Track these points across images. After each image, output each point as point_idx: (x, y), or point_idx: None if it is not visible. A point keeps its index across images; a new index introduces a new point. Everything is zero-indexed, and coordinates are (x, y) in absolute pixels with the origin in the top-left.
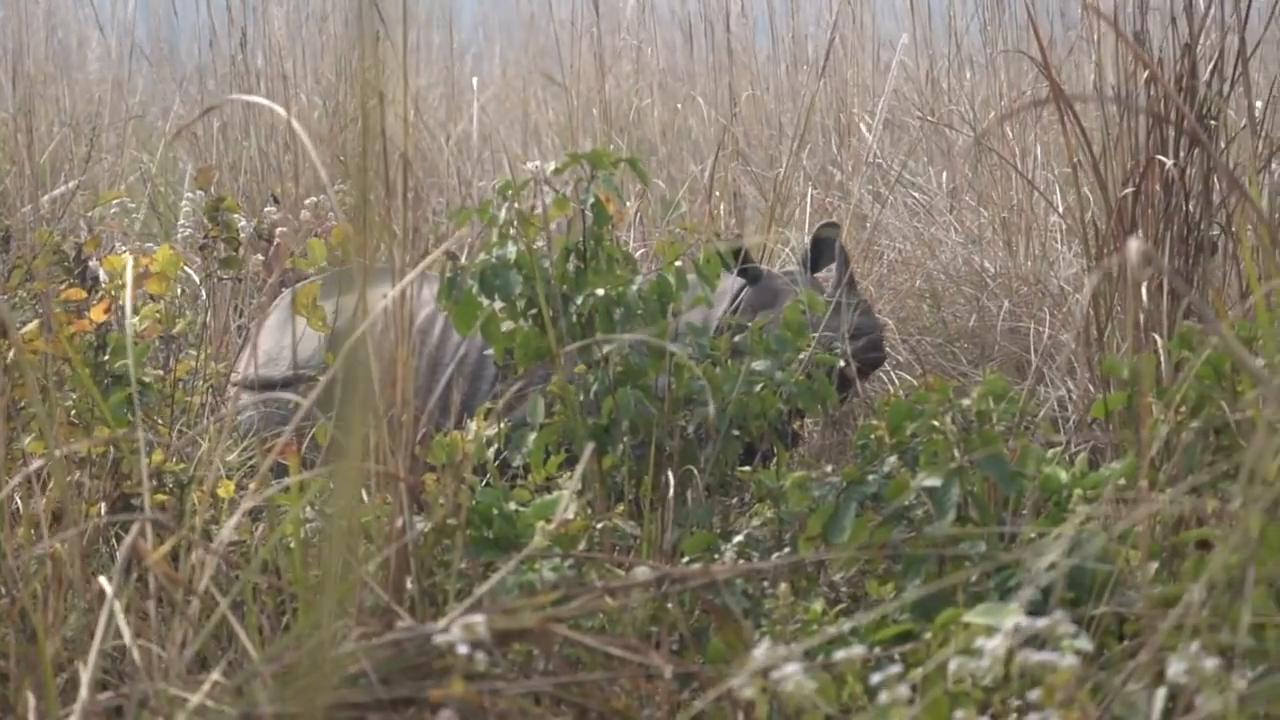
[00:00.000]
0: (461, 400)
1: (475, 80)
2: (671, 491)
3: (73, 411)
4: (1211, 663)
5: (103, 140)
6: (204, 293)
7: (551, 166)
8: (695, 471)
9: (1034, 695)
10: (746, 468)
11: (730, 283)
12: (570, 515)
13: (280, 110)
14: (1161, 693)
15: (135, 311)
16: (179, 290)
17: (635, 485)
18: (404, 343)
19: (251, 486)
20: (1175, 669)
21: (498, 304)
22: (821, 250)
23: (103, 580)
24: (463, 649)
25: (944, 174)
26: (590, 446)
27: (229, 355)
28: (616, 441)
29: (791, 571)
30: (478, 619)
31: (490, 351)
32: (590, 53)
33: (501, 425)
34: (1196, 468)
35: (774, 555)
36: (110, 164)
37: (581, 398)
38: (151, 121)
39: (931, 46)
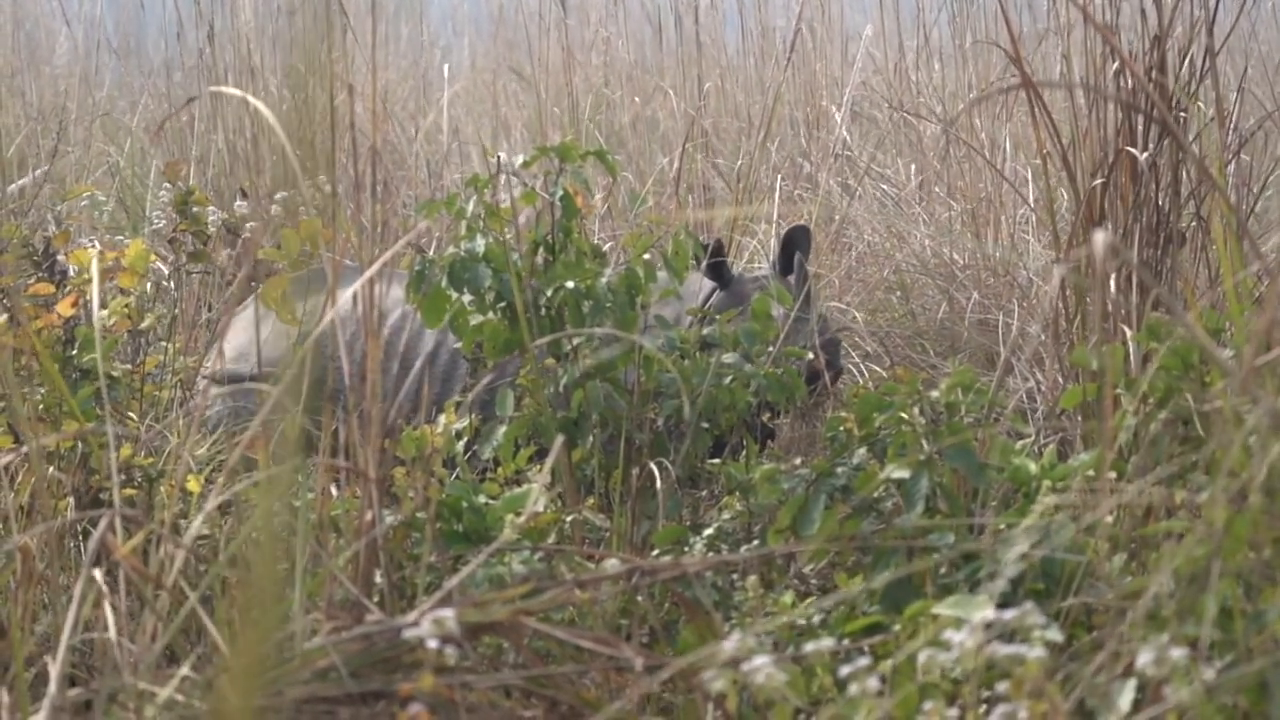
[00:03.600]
0: (433, 400)
1: (446, 69)
2: (641, 484)
3: (41, 406)
4: (1180, 653)
5: (70, 134)
6: (173, 286)
7: (520, 159)
8: (665, 464)
9: (1003, 687)
10: (716, 460)
11: (700, 284)
12: (540, 508)
13: (261, 106)
14: (1130, 684)
15: (103, 305)
16: (148, 285)
17: (605, 478)
18: (373, 336)
19: (220, 480)
20: (1144, 660)
21: (466, 297)
22: (791, 252)
23: (96, 574)
24: (433, 643)
25: (912, 166)
26: (560, 439)
27: (198, 349)
28: (586, 434)
29: (761, 564)
30: (448, 613)
31: (459, 345)
32: (559, 46)
33: (471, 418)
34: (1164, 459)
35: (744, 548)
36: (77, 157)
37: (551, 391)
38: (119, 115)
39: (900, 38)
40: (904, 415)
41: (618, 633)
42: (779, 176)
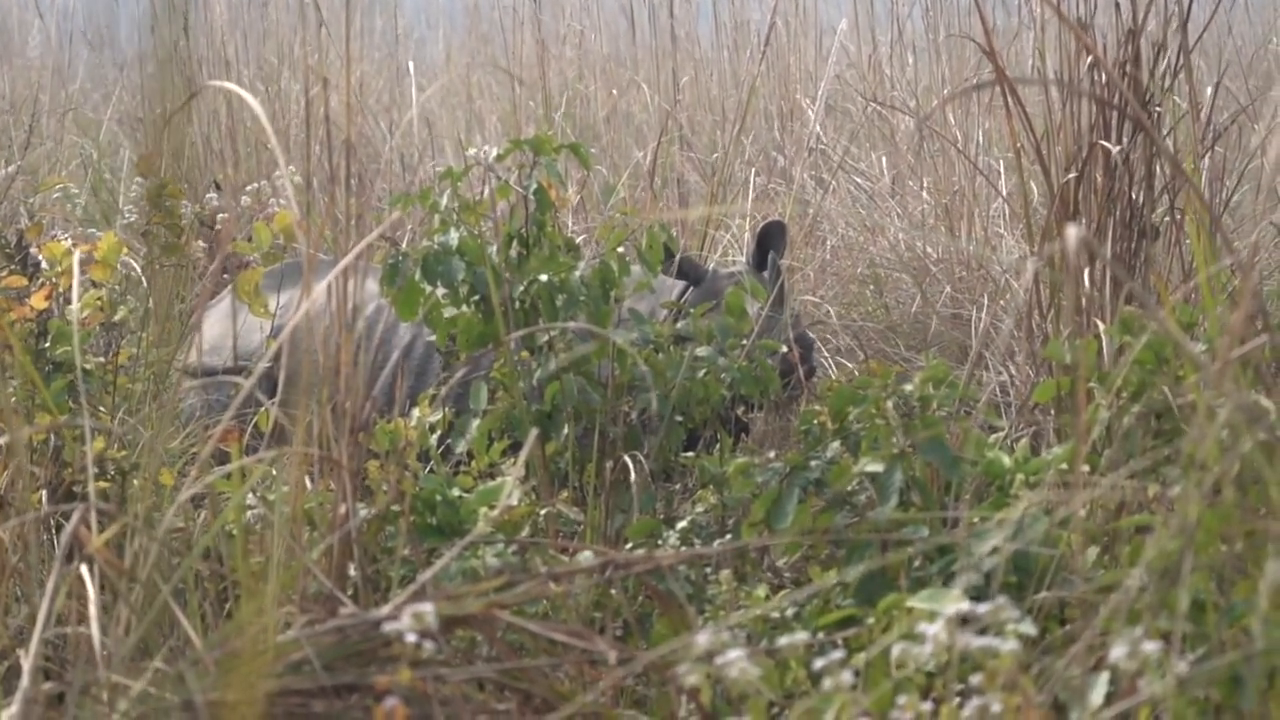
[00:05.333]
0: (408, 394)
1: (412, 64)
2: (615, 478)
3: (14, 399)
4: (1153, 646)
5: (42, 126)
6: (145, 279)
7: (494, 152)
8: (639, 457)
9: (976, 680)
10: (690, 454)
11: (674, 281)
12: (514, 501)
13: (255, 103)
14: (1103, 677)
15: (77, 298)
16: (122, 275)
17: (579, 471)
18: (346, 329)
19: (193, 473)
20: (1117, 653)
21: (440, 290)
22: (767, 248)
23: (84, 570)
24: (410, 637)
25: (884, 159)
26: (534, 433)
27: (171, 342)
28: (560, 428)
29: (735, 557)
30: (427, 606)
31: (433, 338)
32: (533, 39)
33: (445, 412)
34: (1137, 453)
35: (717, 541)
36: (50, 150)
37: (525, 384)
38: (91, 109)
39: (874, 32)
40: (877, 409)
41: (591, 626)
42: (753, 170)
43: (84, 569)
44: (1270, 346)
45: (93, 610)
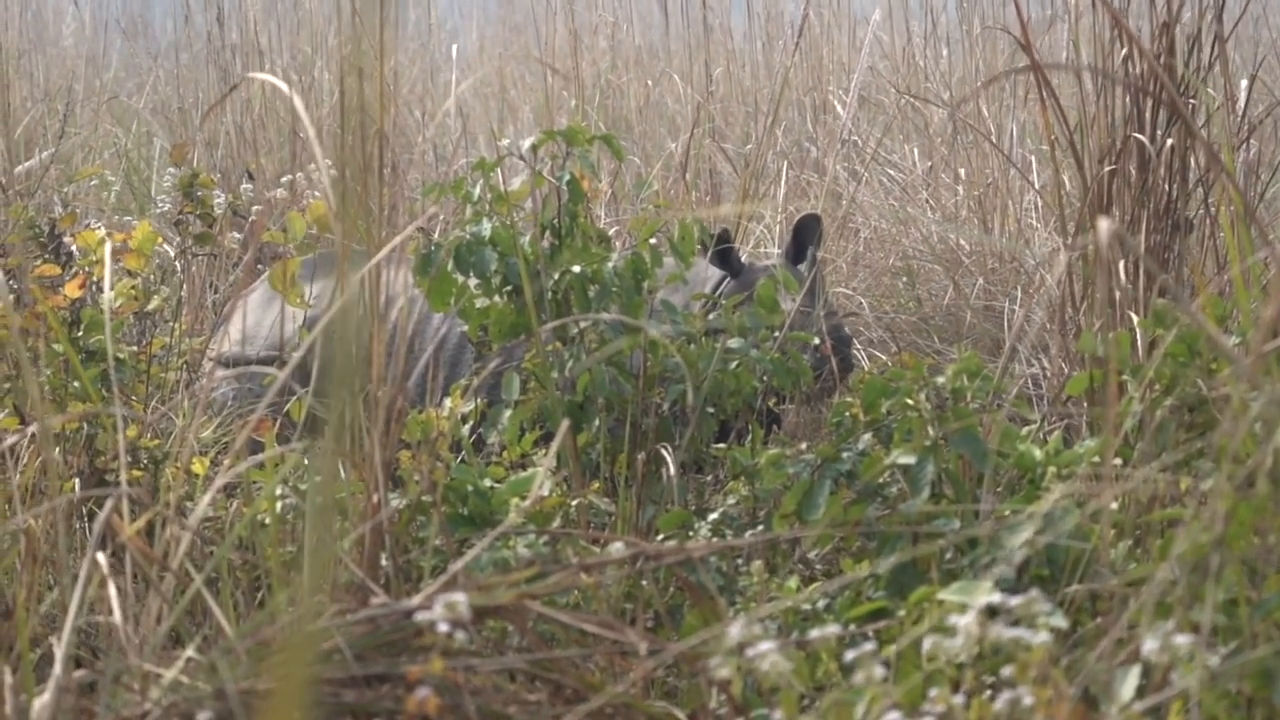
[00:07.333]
0: (442, 385)
1: (455, 48)
2: (646, 469)
3: (46, 387)
4: (1184, 640)
5: (77, 115)
6: (179, 268)
7: (527, 143)
8: (670, 449)
9: (1008, 672)
10: (721, 445)
11: (709, 271)
12: (545, 492)
13: (296, 98)
14: (1135, 670)
15: (110, 287)
16: (156, 265)
17: (610, 462)
18: (379, 320)
19: (226, 463)
20: (1149, 646)
21: (473, 281)
22: (803, 241)
23: (101, 556)
24: (443, 627)
25: (915, 150)
26: (565, 424)
27: (204, 331)
28: (592, 419)
29: (766, 549)
30: (459, 596)
31: (465, 328)
32: (566, 29)
33: (478, 402)
34: (1170, 445)
35: (748, 532)
36: (84, 138)
37: (557, 375)
38: (126, 97)
39: (908, 23)
40: (910, 401)
41: (622, 617)
42: (785, 162)
43: (100, 557)
44: None
45: (113, 596)
